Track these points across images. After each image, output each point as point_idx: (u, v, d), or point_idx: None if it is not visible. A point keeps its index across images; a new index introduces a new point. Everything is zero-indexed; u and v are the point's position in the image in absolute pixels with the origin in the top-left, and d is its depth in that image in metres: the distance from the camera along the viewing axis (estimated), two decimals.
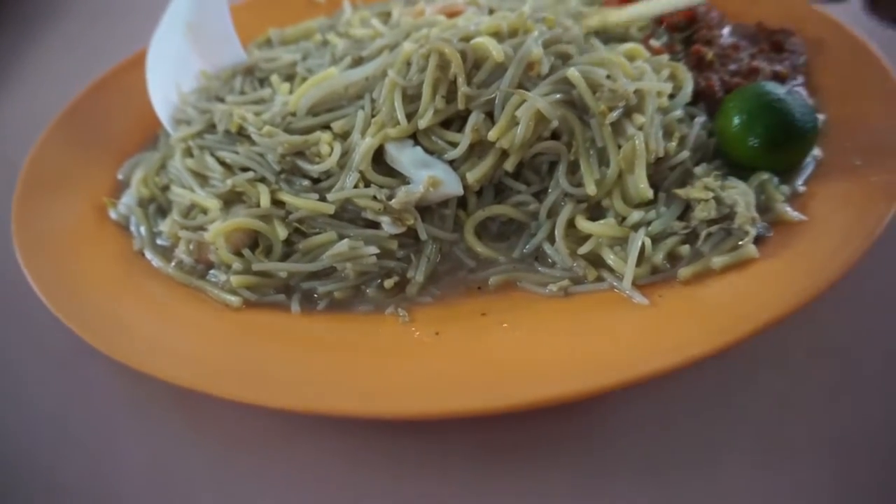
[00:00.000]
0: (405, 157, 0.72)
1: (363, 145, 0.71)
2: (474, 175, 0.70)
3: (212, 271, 0.73)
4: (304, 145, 0.73)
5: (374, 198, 0.70)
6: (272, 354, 0.64)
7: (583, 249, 0.68)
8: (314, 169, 0.73)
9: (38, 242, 0.74)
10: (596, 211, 0.70)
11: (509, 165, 0.70)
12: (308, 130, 0.75)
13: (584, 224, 0.68)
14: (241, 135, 0.77)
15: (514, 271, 0.70)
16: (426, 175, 0.70)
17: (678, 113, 0.74)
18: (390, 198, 0.70)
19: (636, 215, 0.68)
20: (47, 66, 1.18)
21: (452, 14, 0.82)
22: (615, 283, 0.66)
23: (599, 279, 0.67)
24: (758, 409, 0.61)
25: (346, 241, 0.70)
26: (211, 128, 0.80)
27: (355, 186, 0.71)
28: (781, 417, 0.60)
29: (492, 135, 0.68)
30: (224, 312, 0.69)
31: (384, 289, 0.69)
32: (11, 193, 0.79)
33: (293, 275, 0.71)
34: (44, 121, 0.88)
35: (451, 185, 0.71)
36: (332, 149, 0.73)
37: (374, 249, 0.69)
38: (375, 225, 0.71)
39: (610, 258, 0.67)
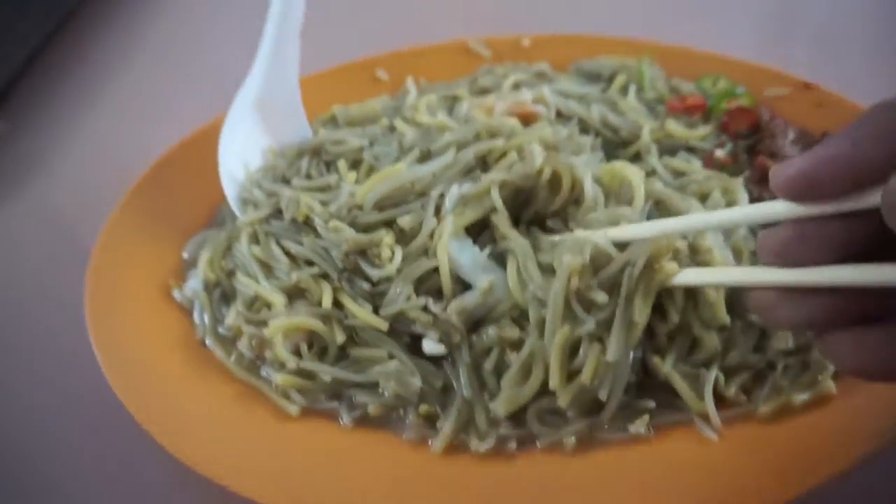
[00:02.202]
0: (466, 257, 0.69)
1: (446, 223, 0.69)
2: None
3: (264, 368, 0.72)
4: (368, 244, 0.72)
5: (425, 308, 0.68)
6: (329, 469, 0.63)
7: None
8: (374, 274, 0.71)
9: (107, 325, 0.74)
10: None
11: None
12: (373, 226, 0.74)
13: (657, 362, 0.64)
14: (308, 224, 0.77)
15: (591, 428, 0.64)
16: (486, 280, 0.67)
17: (742, 231, 0.71)
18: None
19: (713, 343, 0.65)
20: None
21: (523, 115, 0.81)
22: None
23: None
24: None
25: (395, 361, 0.68)
26: (277, 213, 0.80)
27: (408, 299, 0.69)
28: None
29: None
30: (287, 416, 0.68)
31: (420, 416, 0.66)
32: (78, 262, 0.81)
33: (338, 381, 0.69)
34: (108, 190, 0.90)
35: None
36: (392, 253, 0.71)
37: (418, 382, 0.66)
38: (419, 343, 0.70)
39: (686, 392, 0.64)
